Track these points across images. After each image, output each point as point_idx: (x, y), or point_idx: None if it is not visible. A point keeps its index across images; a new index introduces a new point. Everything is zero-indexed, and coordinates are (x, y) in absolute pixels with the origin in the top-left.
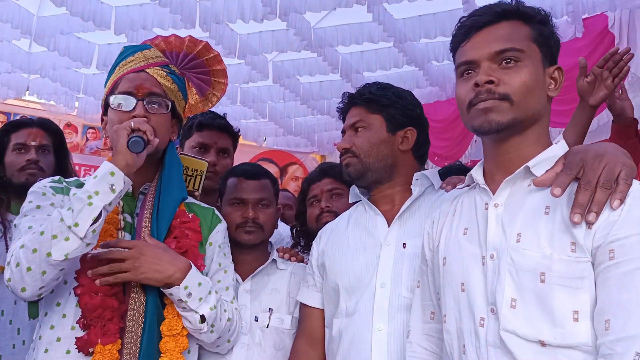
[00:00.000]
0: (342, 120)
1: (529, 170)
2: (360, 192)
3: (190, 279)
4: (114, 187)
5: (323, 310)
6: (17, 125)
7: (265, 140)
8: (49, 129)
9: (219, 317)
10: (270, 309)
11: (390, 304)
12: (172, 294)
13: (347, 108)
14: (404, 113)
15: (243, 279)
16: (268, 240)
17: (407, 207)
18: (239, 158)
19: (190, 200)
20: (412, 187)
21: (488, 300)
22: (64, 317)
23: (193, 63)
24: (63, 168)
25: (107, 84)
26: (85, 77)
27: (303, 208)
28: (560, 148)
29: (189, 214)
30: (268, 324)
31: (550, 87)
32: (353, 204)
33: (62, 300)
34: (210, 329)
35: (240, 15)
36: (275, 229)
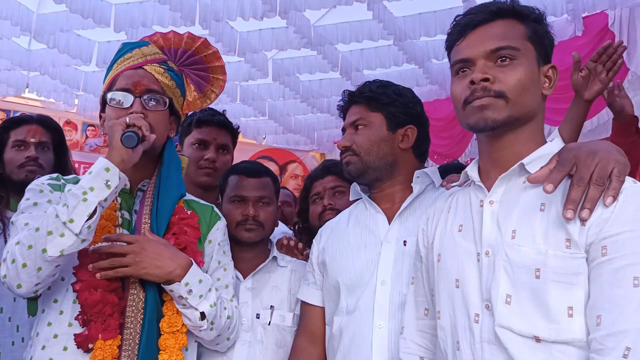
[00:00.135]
0: (342, 119)
1: (524, 168)
2: (361, 189)
3: (191, 276)
4: (109, 183)
5: (323, 308)
6: (16, 122)
7: (265, 138)
8: (49, 126)
9: (219, 314)
10: (272, 307)
11: (391, 302)
12: (172, 291)
13: (347, 106)
14: (404, 111)
15: (244, 277)
16: (268, 238)
17: (407, 204)
18: (239, 156)
19: (189, 197)
20: (412, 184)
21: (483, 297)
22: (61, 313)
23: (191, 60)
24: (62, 165)
25: (105, 81)
26: (85, 74)
27: (306, 205)
28: (555, 146)
29: (188, 211)
30: (270, 322)
31: (545, 85)
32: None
33: (59, 297)
34: (210, 327)
35: (240, 13)
36: (276, 227)
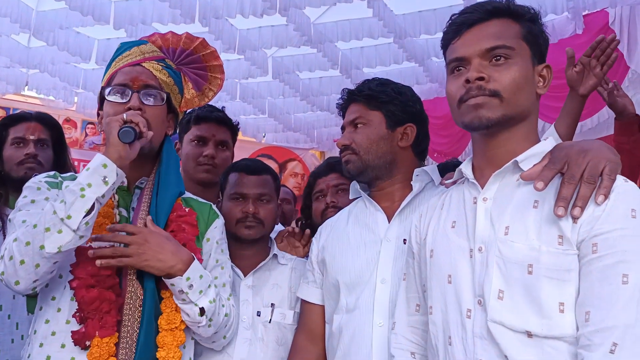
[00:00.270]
0: (341, 117)
1: (518, 165)
2: (361, 187)
3: (193, 271)
4: (107, 179)
5: (323, 307)
6: (15, 119)
7: (265, 136)
8: (48, 123)
9: (217, 311)
10: (273, 304)
11: (391, 300)
12: (173, 285)
13: (346, 104)
14: (404, 109)
15: (244, 275)
16: (268, 236)
17: (407, 203)
18: (238, 154)
19: (188, 195)
20: (412, 183)
21: (475, 292)
22: (59, 311)
23: (190, 59)
24: (61, 162)
25: (103, 79)
26: (85, 72)
27: (309, 202)
28: (549, 144)
29: (186, 209)
30: (270, 319)
31: (539, 84)
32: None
33: (57, 294)
34: (209, 323)
35: (240, 11)
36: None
